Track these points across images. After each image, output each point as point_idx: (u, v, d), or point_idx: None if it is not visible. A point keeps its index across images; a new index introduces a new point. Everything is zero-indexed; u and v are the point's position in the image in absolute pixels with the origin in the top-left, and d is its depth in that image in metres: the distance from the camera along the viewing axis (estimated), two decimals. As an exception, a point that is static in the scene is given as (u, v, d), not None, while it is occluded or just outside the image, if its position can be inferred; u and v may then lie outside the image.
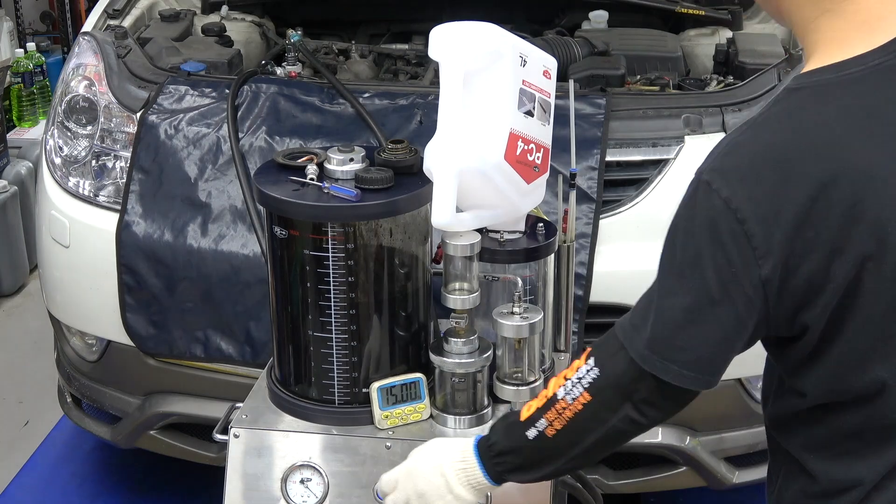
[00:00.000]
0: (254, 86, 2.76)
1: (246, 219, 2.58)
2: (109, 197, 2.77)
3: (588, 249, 2.48)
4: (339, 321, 1.90)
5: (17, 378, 3.90)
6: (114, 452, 3.34)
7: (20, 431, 3.58)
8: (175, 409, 2.76)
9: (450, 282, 1.93)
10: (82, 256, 2.77)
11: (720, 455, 2.70)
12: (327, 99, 2.74)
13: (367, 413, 1.93)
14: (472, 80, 1.84)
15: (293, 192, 1.87)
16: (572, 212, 2.15)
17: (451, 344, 1.91)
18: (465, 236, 1.89)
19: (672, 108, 2.66)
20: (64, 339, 2.96)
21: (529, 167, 1.92)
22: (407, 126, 2.64)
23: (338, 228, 1.85)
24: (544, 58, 2.00)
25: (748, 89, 2.71)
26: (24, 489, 3.27)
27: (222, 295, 2.58)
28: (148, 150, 2.70)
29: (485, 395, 1.96)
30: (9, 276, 4.51)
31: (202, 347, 2.62)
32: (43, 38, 6.32)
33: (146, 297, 2.64)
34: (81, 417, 3.04)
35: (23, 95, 5.20)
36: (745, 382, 2.64)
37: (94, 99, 2.85)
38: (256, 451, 1.94)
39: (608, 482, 2.69)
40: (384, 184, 1.87)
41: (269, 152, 2.62)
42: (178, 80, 2.80)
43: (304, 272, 1.89)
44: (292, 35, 3.15)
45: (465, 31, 1.84)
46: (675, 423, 2.63)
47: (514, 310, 1.91)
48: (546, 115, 1.97)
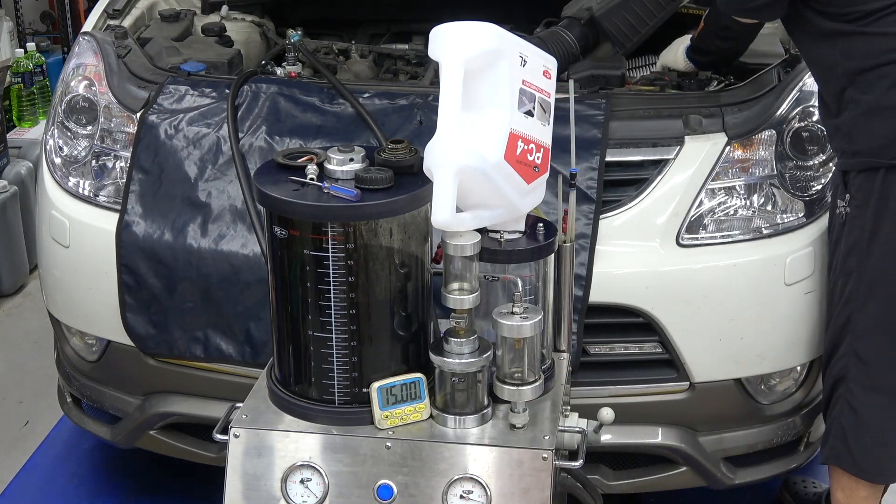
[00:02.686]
0: (254, 86, 2.76)
1: (246, 219, 2.58)
2: (109, 197, 2.77)
3: (588, 250, 2.48)
4: (339, 321, 1.90)
5: (17, 378, 3.90)
6: (114, 452, 3.33)
7: (20, 431, 3.58)
8: (175, 409, 2.76)
9: (450, 282, 1.93)
10: (82, 256, 2.77)
11: (720, 455, 2.70)
12: (327, 99, 2.74)
13: (367, 413, 1.93)
14: (472, 80, 1.84)
15: (293, 192, 1.87)
16: (572, 212, 2.15)
17: (451, 344, 1.91)
18: (465, 236, 1.89)
19: (672, 109, 2.66)
20: (64, 339, 2.96)
21: (529, 167, 1.92)
22: (407, 126, 2.64)
23: (338, 228, 1.85)
24: (544, 58, 2.00)
25: (748, 89, 2.71)
26: (24, 489, 3.27)
27: (222, 295, 2.58)
28: (148, 150, 2.70)
29: (485, 395, 1.96)
30: (9, 276, 4.51)
31: (202, 347, 2.62)
32: (43, 38, 6.32)
33: (146, 297, 2.64)
34: (81, 417, 3.04)
35: (23, 95, 5.20)
36: (745, 382, 2.64)
37: (94, 99, 2.85)
38: (256, 451, 1.94)
39: (608, 482, 2.69)
40: (384, 184, 1.88)
41: (269, 152, 2.62)
42: (178, 80, 2.80)
43: (304, 272, 1.89)
44: (292, 35, 3.15)
45: (465, 31, 1.84)
46: (675, 423, 2.64)
47: (514, 310, 1.91)
48: (546, 115, 1.97)
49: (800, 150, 2.65)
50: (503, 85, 1.88)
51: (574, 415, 2.10)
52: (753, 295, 2.56)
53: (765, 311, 2.57)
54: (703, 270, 2.54)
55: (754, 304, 2.56)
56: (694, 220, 2.56)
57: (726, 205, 2.60)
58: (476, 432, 1.93)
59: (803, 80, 2.67)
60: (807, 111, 2.65)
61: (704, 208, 2.57)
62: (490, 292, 2.01)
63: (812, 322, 2.64)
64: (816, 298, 2.61)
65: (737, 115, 2.63)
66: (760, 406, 2.69)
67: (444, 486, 1.89)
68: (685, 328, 2.53)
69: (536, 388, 1.95)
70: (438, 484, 1.90)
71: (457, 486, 1.89)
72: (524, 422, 1.94)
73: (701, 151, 2.58)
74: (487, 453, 1.90)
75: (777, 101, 2.65)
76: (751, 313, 2.56)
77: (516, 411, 1.94)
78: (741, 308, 2.55)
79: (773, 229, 2.60)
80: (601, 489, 2.34)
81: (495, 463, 1.89)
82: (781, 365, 2.66)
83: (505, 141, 1.86)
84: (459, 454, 1.90)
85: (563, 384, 2.11)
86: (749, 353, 2.60)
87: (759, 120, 2.62)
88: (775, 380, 2.72)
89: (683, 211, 2.56)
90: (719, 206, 2.59)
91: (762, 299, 2.56)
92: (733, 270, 2.54)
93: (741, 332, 2.56)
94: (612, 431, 2.19)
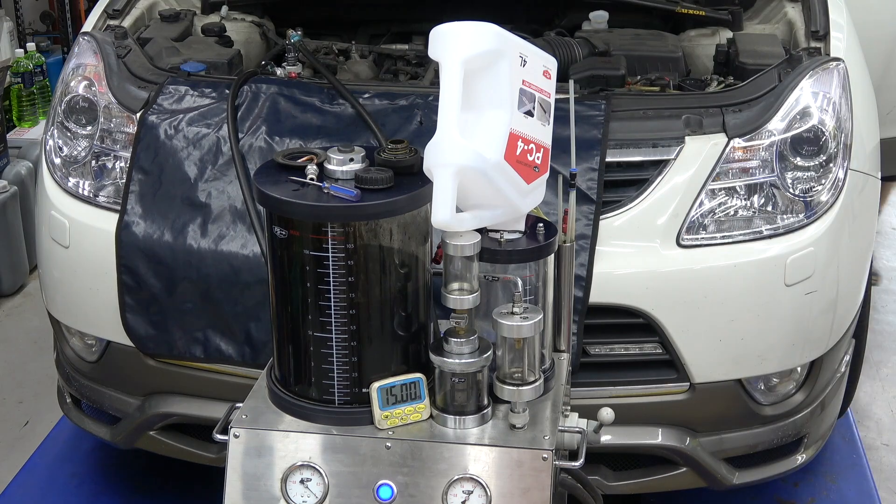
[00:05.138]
0: (254, 86, 2.76)
1: (246, 219, 2.58)
2: (109, 197, 2.77)
3: (588, 251, 2.48)
4: (339, 321, 1.90)
5: (17, 378, 3.90)
6: (113, 452, 3.34)
7: (20, 431, 3.58)
8: (175, 410, 2.76)
9: (450, 282, 1.93)
10: (82, 257, 2.77)
11: (720, 456, 2.70)
12: (327, 99, 2.74)
13: (367, 413, 1.93)
14: (472, 80, 1.84)
15: (293, 192, 1.87)
16: (572, 212, 2.15)
17: (451, 344, 1.91)
18: (465, 236, 1.89)
19: (672, 109, 2.66)
20: (64, 339, 2.96)
21: (529, 167, 1.92)
22: (407, 126, 2.64)
23: (338, 228, 1.85)
24: (544, 58, 2.00)
25: (748, 90, 2.71)
26: (24, 489, 3.27)
27: (222, 295, 2.58)
28: (148, 151, 2.70)
29: (485, 395, 1.96)
30: (9, 276, 4.51)
31: (202, 348, 2.62)
32: (43, 38, 6.33)
33: (146, 298, 2.63)
34: (81, 418, 3.04)
35: (23, 95, 5.21)
36: (745, 383, 2.64)
37: (94, 99, 2.85)
38: (256, 451, 1.94)
39: (608, 483, 2.69)
40: (384, 184, 1.87)
41: (269, 152, 2.62)
42: (178, 81, 2.80)
43: (304, 272, 1.88)
44: (292, 35, 3.15)
45: (465, 31, 1.84)
46: (675, 424, 2.64)
47: (514, 310, 1.91)
48: (546, 115, 1.97)
49: (800, 151, 2.65)
50: (503, 85, 1.88)
51: (574, 415, 2.10)
52: (754, 296, 2.55)
53: (765, 311, 2.57)
54: (704, 271, 2.54)
55: (755, 305, 2.56)
56: (694, 220, 2.56)
57: (727, 205, 2.60)
58: (476, 432, 1.93)
59: (804, 80, 2.67)
60: (807, 112, 2.65)
61: (705, 209, 2.57)
62: (490, 292, 2.01)
63: (812, 323, 2.64)
64: (817, 299, 2.61)
65: (737, 116, 2.63)
66: (761, 407, 2.69)
67: (444, 486, 1.89)
68: (685, 329, 2.53)
69: (536, 389, 1.95)
70: (438, 484, 1.90)
71: (457, 486, 1.89)
72: (524, 422, 1.94)
73: (701, 152, 2.58)
74: (487, 453, 1.90)
75: (778, 102, 2.64)
76: (751, 314, 2.56)
77: (516, 411, 1.94)
78: (741, 309, 2.55)
79: (774, 230, 2.60)
80: (601, 490, 2.34)
81: (495, 463, 1.89)
82: (782, 366, 2.66)
83: (505, 141, 1.86)
84: (459, 454, 1.90)
85: (563, 384, 2.11)
86: (749, 353, 2.60)
87: (760, 120, 2.62)
88: (775, 380, 2.72)
89: (684, 211, 2.56)
90: (720, 206, 2.59)
91: (762, 300, 2.56)
92: (734, 271, 2.54)
93: (741, 333, 2.56)
94: (612, 432, 2.20)
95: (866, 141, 2.83)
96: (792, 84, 2.67)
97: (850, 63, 2.83)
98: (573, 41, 3.18)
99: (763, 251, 2.57)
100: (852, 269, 2.75)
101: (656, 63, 3.09)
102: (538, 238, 2.00)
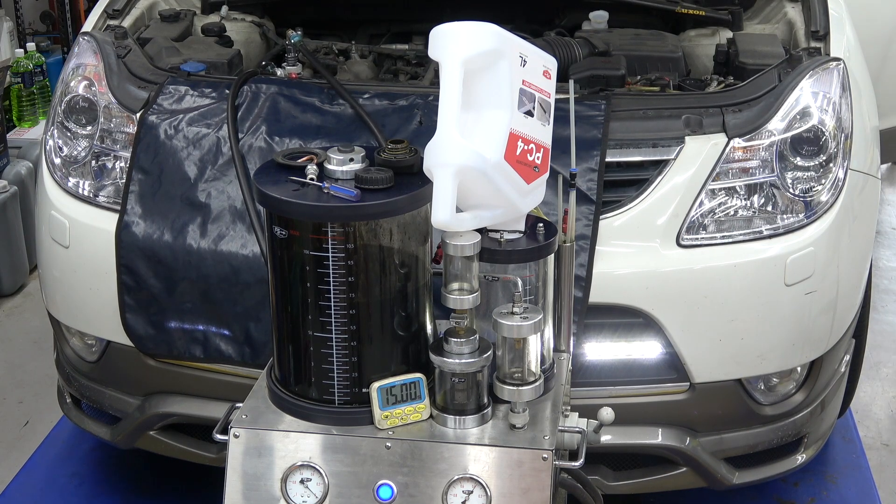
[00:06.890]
0: (254, 86, 2.76)
1: (246, 219, 2.58)
2: (109, 197, 2.77)
3: (588, 251, 2.48)
4: (339, 321, 1.90)
5: (17, 378, 3.90)
6: (113, 452, 3.34)
7: (20, 431, 3.58)
8: (175, 410, 2.76)
9: (450, 282, 1.93)
10: (82, 257, 2.77)
11: (720, 455, 2.70)
12: (327, 99, 2.74)
13: (367, 413, 1.93)
14: (472, 80, 1.84)
15: (293, 192, 1.87)
16: (572, 212, 2.15)
17: (451, 344, 1.91)
18: (465, 236, 1.89)
19: (672, 109, 2.66)
20: (64, 339, 2.96)
21: (529, 167, 1.93)
22: (407, 126, 2.64)
23: (338, 228, 1.85)
24: (544, 58, 2.00)
25: (748, 90, 2.71)
26: (24, 489, 3.27)
27: (222, 295, 2.58)
28: (148, 151, 2.70)
29: (485, 395, 1.96)
30: (9, 276, 4.51)
31: (202, 348, 2.62)
32: (43, 38, 6.33)
33: (146, 298, 2.63)
34: (81, 418, 3.03)
35: (23, 95, 5.21)
36: (745, 383, 2.64)
37: (94, 99, 2.85)
38: (256, 451, 1.94)
39: (608, 483, 2.69)
40: (384, 184, 1.88)
41: (269, 152, 2.62)
42: (178, 81, 2.80)
43: (304, 272, 1.89)
44: (292, 35, 3.15)
45: (465, 30, 1.84)
46: (675, 424, 2.64)
47: (514, 310, 1.91)
48: (546, 115, 1.97)
49: (800, 151, 2.65)
50: (503, 85, 1.88)
51: (574, 415, 2.10)
52: (754, 295, 2.55)
53: (765, 311, 2.57)
54: (704, 271, 2.54)
55: (755, 305, 2.56)
56: (694, 220, 2.56)
57: (727, 205, 2.60)
58: (476, 432, 1.93)
59: (804, 80, 2.67)
60: (807, 112, 2.65)
61: (705, 209, 2.57)
62: (490, 292, 2.01)
63: (812, 323, 2.63)
64: (817, 299, 2.61)
65: (737, 116, 2.63)
66: (761, 407, 2.69)
67: (444, 486, 1.89)
68: (685, 329, 2.53)
69: (536, 388, 1.95)
70: (438, 484, 1.90)
71: (457, 486, 1.89)
72: (524, 422, 1.94)
73: (701, 152, 2.58)
74: (487, 453, 1.90)
75: (778, 102, 2.64)
76: (751, 314, 2.56)
77: (516, 411, 1.94)
78: (741, 308, 2.55)
79: (774, 230, 2.60)
80: (601, 490, 2.34)
81: (495, 463, 1.89)
82: (782, 365, 2.66)
83: (505, 141, 1.86)
84: (459, 454, 1.90)
85: (563, 384, 2.11)
86: (749, 353, 2.60)
87: (760, 120, 2.62)
88: (775, 380, 2.72)
89: (684, 211, 2.55)
90: (720, 206, 2.59)
91: (762, 300, 2.56)
92: (734, 271, 2.54)
93: (741, 333, 2.56)
94: (612, 432, 2.20)
95: (866, 141, 2.83)
96: (792, 84, 2.67)
97: (850, 63, 2.83)
98: (573, 41, 3.18)
99: (763, 251, 2.57)
100: (852, 269, 2.75)
101: (656, 63, 3.09)
102: (538, 238, 2.00)
